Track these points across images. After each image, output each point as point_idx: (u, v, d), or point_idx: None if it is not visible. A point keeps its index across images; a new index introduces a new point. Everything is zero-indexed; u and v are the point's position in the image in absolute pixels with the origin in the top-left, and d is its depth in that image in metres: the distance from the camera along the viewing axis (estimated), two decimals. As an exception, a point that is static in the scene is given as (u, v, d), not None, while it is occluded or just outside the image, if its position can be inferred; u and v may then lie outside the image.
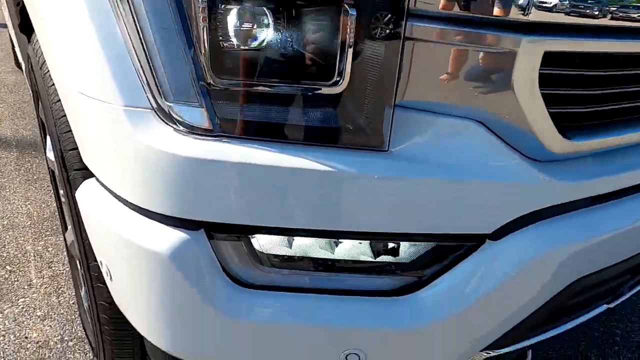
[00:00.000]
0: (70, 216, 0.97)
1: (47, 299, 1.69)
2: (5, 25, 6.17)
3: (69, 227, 1.54)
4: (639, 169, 0.82)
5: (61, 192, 1.59)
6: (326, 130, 0.67)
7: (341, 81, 0.64)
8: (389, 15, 0.60)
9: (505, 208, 0.70)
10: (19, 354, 1.45)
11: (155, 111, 0.65)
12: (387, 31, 0.60)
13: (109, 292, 0.95)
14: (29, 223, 2.14)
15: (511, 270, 0.72)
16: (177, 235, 0.67)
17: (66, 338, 1.52)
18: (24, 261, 1.88)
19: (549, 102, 0.69)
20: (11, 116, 3.39)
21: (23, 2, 1.39)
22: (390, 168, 0.65)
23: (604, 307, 0.96)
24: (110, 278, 0.80)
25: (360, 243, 0.75)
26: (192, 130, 0.65)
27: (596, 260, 0.80)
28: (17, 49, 2.21)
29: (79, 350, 1.48)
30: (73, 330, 1.55)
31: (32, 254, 1.92)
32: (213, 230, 0.69)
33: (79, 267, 1.13)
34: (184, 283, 0.69)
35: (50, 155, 1.53)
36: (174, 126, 0.65)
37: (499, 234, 0.72)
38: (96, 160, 0.75)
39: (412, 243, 0.74)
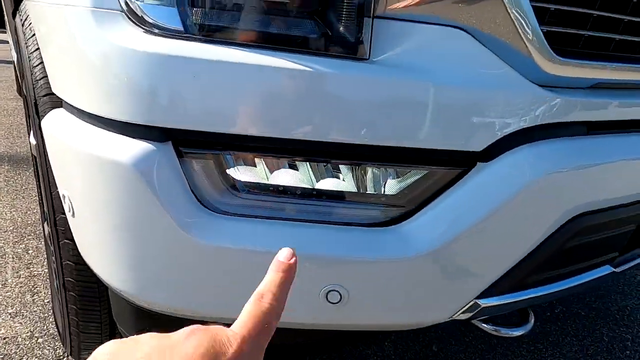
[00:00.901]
0: (41, 168, 0.92)
1: (21, 297, 1.59)
2: (9, 62, 6.37)
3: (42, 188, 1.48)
4: (635, 105, 0.78)
5: (40, 171, 1.54)
6: (304, 37, 0.63)
7: (319, -12, 0.62)
8: None
9: (494, 122, 0.65)
10: (-18, 349, 1.34)
11: (125, 13, 0.62)
12: None
13: (74, 247, 0.88)
14: (11, 228, 2.07)
15: (504, 195, 0.66)
16: (142, 145, 0.62)
17: (36, 335, 1.42)
18: (1, 262, 1.79)
19: (541, 18, 0.66)
20: (7, 135, 3.41)
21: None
22: (369, 72, 0.62)
23: (609, 269, 0.89)
24: (73, 214, 0.74)
25: (342, 177, 0.70)
26: (164, 31, 0.62)
27: (596, 194, 0.74)
28: (14, 57, 2.24)
29: (48, 347, 1.37)
30: (45, 327, 1.45)
31: (10, 256, 1.84)
32: (182, 145, 0.64)
33: (48, 228, 1.07)
34: (149, 201, 0.63)
35: (33, 139, 1.50)
36: (144, 27, 0.62)
37: (490, 154, 0.67)
38: (63, 78, 0.71)
39: (398, 171, 0.69)
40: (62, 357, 1.34)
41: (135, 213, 0.64)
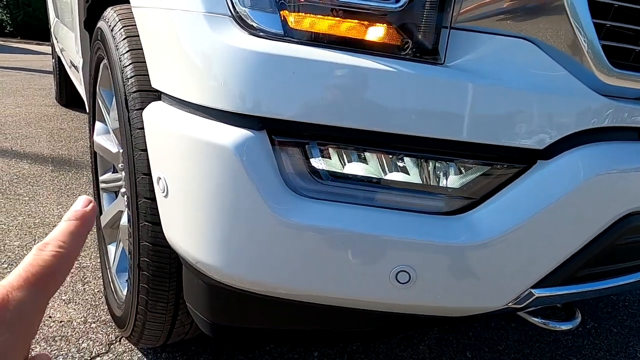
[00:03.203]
0: (128, 157, 1.01)
1: (72, 286, 1.68)
2: (47, 71, 6.67)
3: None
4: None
5: (100, 177, 1.64)
6: (386, 43, 0.72)
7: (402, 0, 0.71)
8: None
9: (556, 124, 0.72)
10: (41, 330, 1.43)
11: (233, 17, 0.72)
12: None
13: (154, 229, 0.96)
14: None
15: (561, 191, 0.73)
16: (241, 132, 0.71)
17: (89, 320, 1.50)
18: (52, 253, 1.89)
19: (600, 32, 0.74)
20: (48, 138, 3.57)
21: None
22: (444, 74, 0.70)
23: (655, 272, 0.93)
24: (166, 194, 0.83)
25: (412, 170, 0.77)
26: (266, 33, 0.71)
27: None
28: (76, 56, 2.39)
29: (101, 331, 1.45)
30: (97, 314, 1.53)
31: (60, 248, 1.94)
32: (274, 133, 0.73)
33: (127, 208, 1.16)
34: (243, 182, 0.71)
35: (97, 138, 1.61)
36: (249, 30, 0.71)
37: (550, 153, 0.73)
38: (168, 74, 0.81)
39: (466, 166, 0.76)
40: (114, 341, 1.41)
41: (230, 192, 0.73)
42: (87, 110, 1.77)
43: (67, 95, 4.61)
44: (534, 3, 0.71)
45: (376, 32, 0.71)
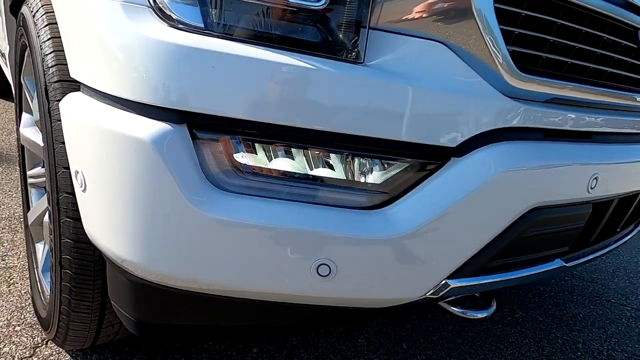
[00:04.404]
0: (48, 150, 0.97)
1: (-4, 287, 1.58)
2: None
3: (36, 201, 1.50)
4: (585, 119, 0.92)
5: (28, 172, 1.56)
6: (306, 40, 0.73)
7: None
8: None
9: (467, 123, 0.76)
10: (-42, 335, 1.34)
11: (152, 9, 0.71)
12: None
13: (75, 225, 0.93)
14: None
15: (473, 186, 0.77)
16: (161, 125, 0.70)
17: (14, 323, 1.42)
18: (-25, 253, 1.77)
19: (507, 39, 0.79)
20: (-20, 131, 3.34)
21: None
22: (363, 73, 0.72)
23: (561, 262, 1.01)
24: (84, 189, 0.80)
25: (334, 166, 0.79)
26: (186, 26, 0.70)
27: (549, 191, 0.86)
28: (3, 43, 2.24)
29: (26, 334, 1.37)
30: (22, 316, 1.45)
31: (-16, 248, 1.82)
32: (195, 128, 0.72)
33: (49, 207, 1.11)
34: (163, 177, 0.70)
35: (24, 131, 1.52)
36: (169, 22, 0.70)
37: (462, 150, 0.78)
38: (87, 64, 0.78)
39: (384, 163, 0.79)
40: (40, 344, 1.34)
41: (149, 187, 0.71)
42: (14, 101, 1.66)
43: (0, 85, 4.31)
44: (447, 8, 0.75)
45: (297, 29, 0.72)
